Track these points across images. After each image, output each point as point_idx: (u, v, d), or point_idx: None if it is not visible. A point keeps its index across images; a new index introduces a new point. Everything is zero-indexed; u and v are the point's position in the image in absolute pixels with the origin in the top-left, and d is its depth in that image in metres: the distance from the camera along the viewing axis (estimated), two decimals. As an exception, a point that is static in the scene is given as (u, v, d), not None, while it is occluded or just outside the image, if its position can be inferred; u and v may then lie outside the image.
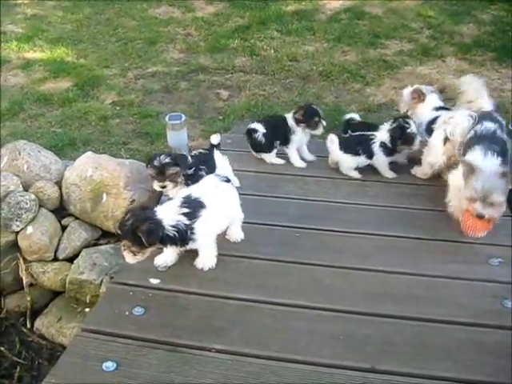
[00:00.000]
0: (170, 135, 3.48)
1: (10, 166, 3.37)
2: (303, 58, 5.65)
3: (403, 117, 3.45)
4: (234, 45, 5.94)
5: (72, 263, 3.21)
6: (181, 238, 2.41)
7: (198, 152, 3.17)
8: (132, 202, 3.17)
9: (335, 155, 3.42)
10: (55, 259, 3.29)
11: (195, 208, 2.45)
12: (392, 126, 3.37)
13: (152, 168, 2.79)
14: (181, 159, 2.87)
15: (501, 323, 2.26)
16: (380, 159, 3.40)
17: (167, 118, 3.49)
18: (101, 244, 3.31)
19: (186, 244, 2.46)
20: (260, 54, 5.75)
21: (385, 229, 2.91)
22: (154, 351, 2.13)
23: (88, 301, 3.08)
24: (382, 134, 3.39)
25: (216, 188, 2.61)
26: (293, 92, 5.05)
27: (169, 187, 2.79)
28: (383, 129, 3.42)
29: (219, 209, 2.55)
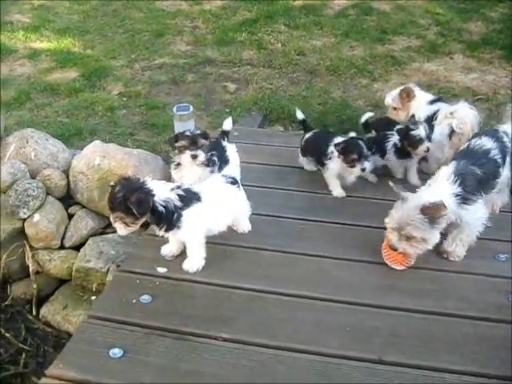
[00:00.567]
0: (178, 126, 3.45)
1: (18, 154, 3.38)
2: (310, 53, 5.64)
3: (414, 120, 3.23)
4: (242, 38, 5.92)
5: (78, 251, 3.23)
6: (167, 217, 2.35)
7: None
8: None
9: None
10: (62, 247, 3.31)
11: (191, 197, 2.43)
12: (400, 126, 3.21)
13: (185, 138, 2.81)
14: (206, 135, 2.91)
15: (507, 317, 2.26)
16: (391, 159, 3.30)
17: (175, 109, 3.47)
18: (108, 233, 3.32)
19: (171, 228, 2.40)
20: (267, 48, 5.74)
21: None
22: (161, 339, 2.14)
23: (94, 289, 3.10)
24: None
25: (218, 190, 2.58)
26: (300, 86, 5.04)
27: (200, 157, 2.79)
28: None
29: (215, 210, 2.50)
